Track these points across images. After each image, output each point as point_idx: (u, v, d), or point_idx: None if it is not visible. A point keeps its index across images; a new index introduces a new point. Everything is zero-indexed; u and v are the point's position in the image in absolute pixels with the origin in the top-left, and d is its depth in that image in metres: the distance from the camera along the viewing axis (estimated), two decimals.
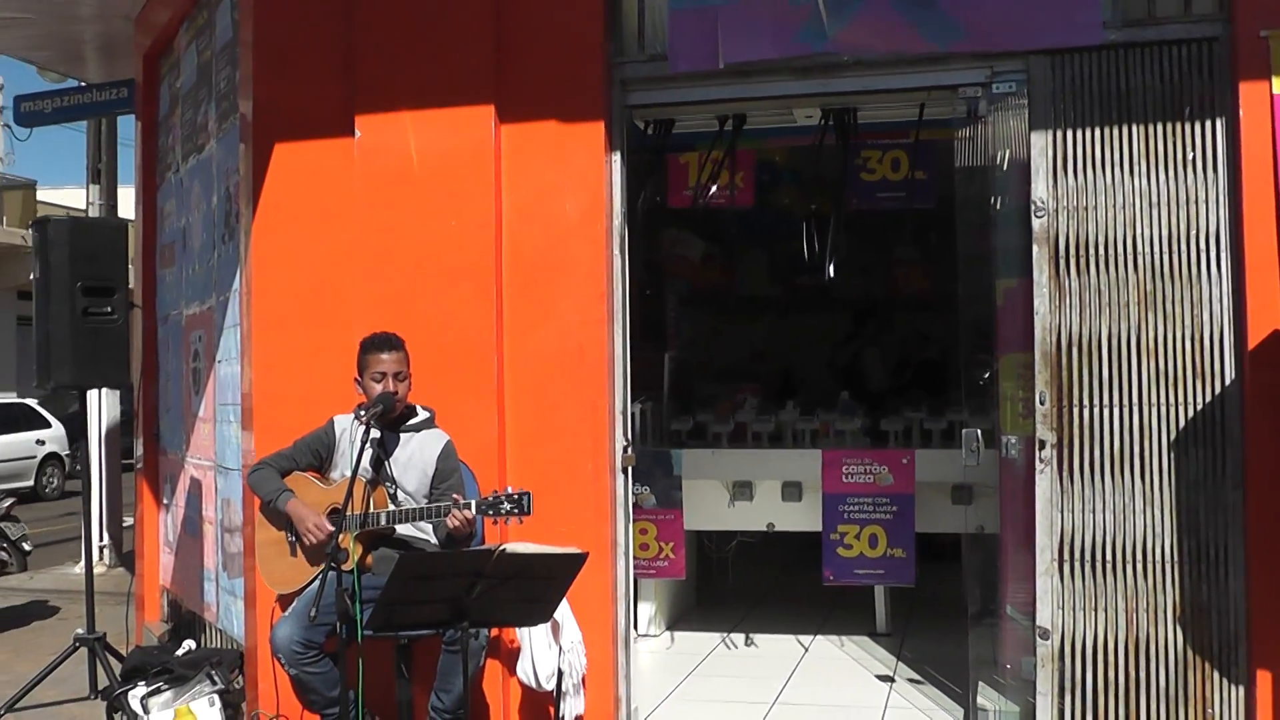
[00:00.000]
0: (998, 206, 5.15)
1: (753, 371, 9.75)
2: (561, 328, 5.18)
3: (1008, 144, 5.09)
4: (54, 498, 17.96)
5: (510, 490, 4.43)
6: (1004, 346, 5.12)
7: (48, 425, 18.56)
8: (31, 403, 19.02)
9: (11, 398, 19.44)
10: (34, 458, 18.05)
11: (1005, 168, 5.12)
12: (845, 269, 9.56)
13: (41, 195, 26.16)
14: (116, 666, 5.97)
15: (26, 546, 11.21)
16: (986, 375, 5.32)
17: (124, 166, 11.44)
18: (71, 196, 21.19)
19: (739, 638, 7.10)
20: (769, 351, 10.83)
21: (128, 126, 9.77)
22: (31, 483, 17.83)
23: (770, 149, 7.92)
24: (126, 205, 9.57)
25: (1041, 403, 4.86)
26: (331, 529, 4.53)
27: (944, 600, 7.46)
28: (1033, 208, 4.88)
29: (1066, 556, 4.83)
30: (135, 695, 5.52)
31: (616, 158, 5.26)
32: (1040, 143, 4.88)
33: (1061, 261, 4.86)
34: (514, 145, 5.24)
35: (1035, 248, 4.87)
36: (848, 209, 7.34)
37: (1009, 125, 5.06)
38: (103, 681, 5.97)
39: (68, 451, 18.60)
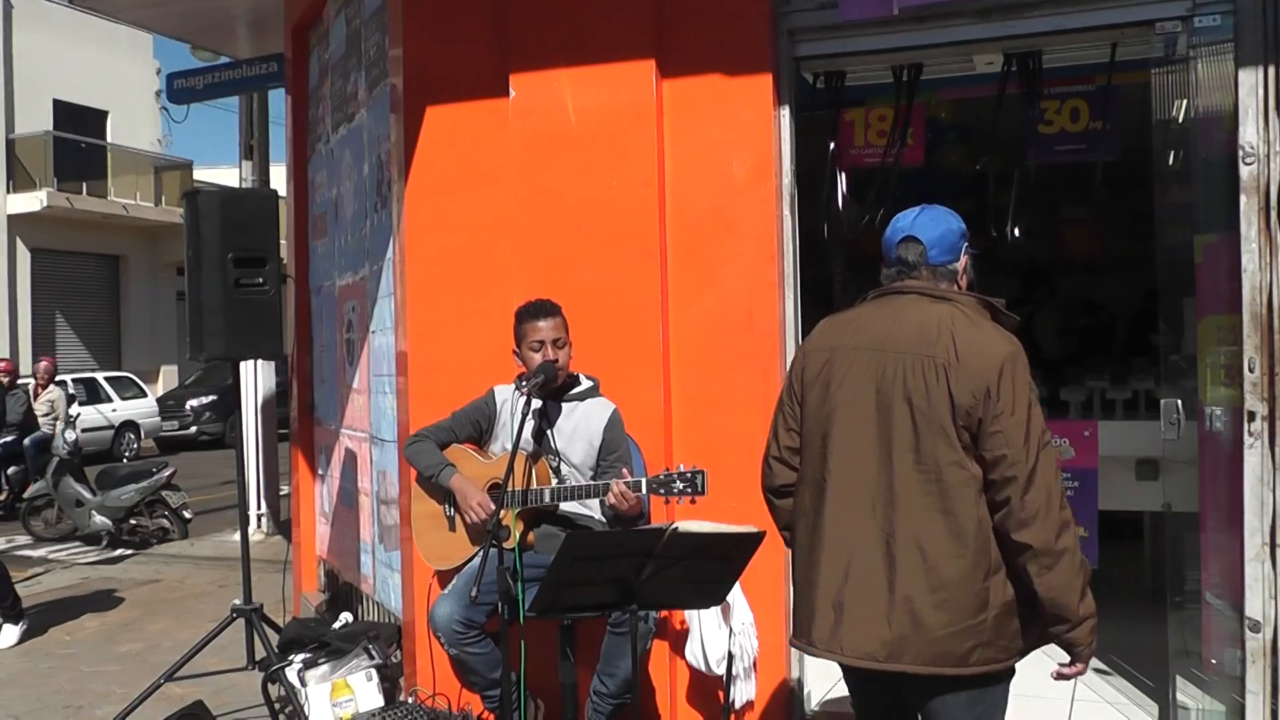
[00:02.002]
0: (1199, 154, 4.72)
1: None
2: (729, 292, 4.93)
3: (1211, 84, 4.64)
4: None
5: (683, 468, 4.20)
6: (1203, 308, 4.68)
7: (144, 395, 22.24)
8: (131, 375, 22.68)
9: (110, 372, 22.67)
10: (110, 426, 20.70)
11: (1207, 111, 4.68)
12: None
13: (198, 175, 27.08)
14: (274, 637, 5.93)
15: (187, 514, 11.75)
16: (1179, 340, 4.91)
17: (275, 144, 11.59)
18: (226, 176, 21.89)
19: None
20: None
21: (278, 105, 9.83)
22: (109, 447, 20.38)
23: (937, 104, 7.48)
24: (279, 182, 9.62)
25: (1250, 370, 4.43)
26: (494, 507, 4.36)
27: (1123, 582, 7.03)
28: (1240, 153, 4.44)
29: (1279, 541, 4.40)
30: (293, 668, 5.47)
31: (785, 112, 4.96)
32: (1249, 81, 4.43)
33: (1273, 213, 4.41)
34: (676, 101, 4.99)
35: (1243, 198, 4.43)
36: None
37: (1212, 63, 4.62)
38: (259, 653, 5.94)
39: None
